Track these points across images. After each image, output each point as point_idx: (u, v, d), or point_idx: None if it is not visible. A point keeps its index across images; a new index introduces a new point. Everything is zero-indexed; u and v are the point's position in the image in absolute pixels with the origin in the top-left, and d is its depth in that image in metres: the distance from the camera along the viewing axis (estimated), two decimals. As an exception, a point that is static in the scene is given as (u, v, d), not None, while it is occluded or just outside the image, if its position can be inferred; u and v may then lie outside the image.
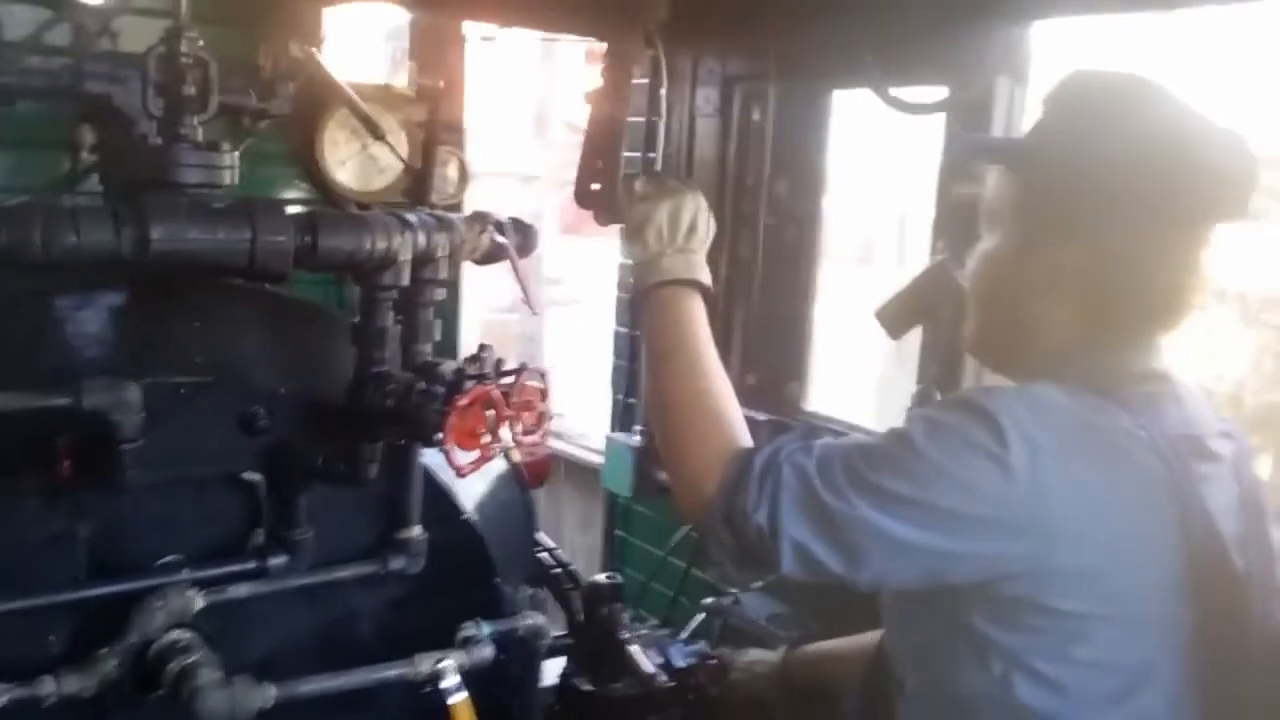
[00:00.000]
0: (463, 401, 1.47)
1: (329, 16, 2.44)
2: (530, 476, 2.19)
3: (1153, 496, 1.29)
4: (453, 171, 2.47)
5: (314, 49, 2.21)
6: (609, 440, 2.85)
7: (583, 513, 4.48)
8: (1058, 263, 1.36)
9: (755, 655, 2.09)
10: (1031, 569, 1.27)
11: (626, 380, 2.93)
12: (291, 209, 1.58)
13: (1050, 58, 2.09)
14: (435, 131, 2.11)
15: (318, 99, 2.33)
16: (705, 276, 1.60)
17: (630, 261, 1.67)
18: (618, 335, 2.99)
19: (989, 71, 2.03)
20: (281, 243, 1.43)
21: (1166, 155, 1.31)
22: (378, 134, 2.06)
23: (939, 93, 2.15)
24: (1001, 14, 1.99)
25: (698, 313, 1.58)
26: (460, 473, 1.51)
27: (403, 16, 2.74)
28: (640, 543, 2.95)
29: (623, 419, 2.92)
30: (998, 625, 1.31)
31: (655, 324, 1.59)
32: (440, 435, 1.48)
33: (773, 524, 1.30)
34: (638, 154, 2.67)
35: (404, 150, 2.25)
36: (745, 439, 1.43)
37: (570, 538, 4.45)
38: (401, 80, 2.58)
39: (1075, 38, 2.12)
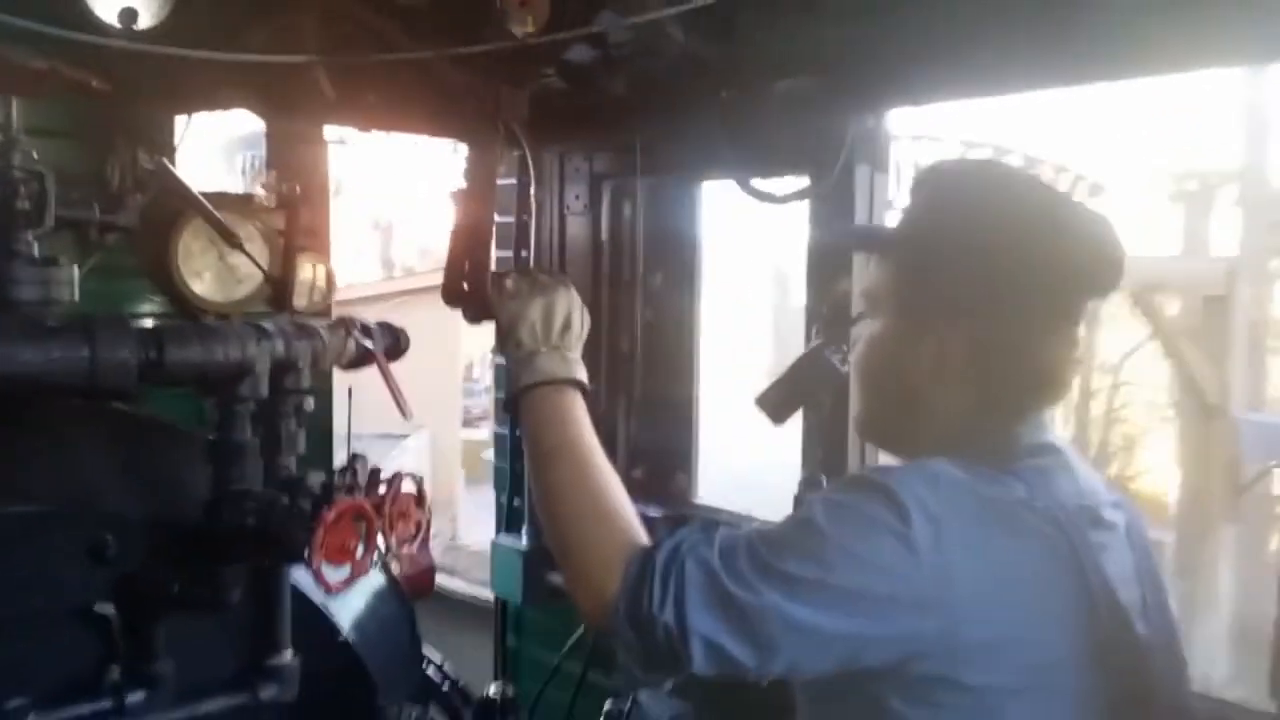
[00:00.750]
0: (330, 516, 1.41)
1: (180, 126, 2.38)
2: (412, 589, 2.10)
3: (1055, 567, 1.29)
4: (317, 278, 2.40)
5: (164, 159, 2.14)
6: (495, 545, 2.77)
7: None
8: (942, 349, 1.38)
9: None
10: (941, 646, 1.25)
11: (510, 482, 2.86)
12: (140, 323, 1.51)
13: (910, 140, 2.15)
14: (294, 238, 2.05)
15: (170, 210, 2.25)
16: (582, 374, 1.58)
17: (503, 362, 1.64)
18: (498, 436, 2.94)
19: (848, 160, 2.09)
20: (124, 359, 1.36)
21: (1040, 238, 1.35)
22: (234, 243, 1.98)
23: (801, 182, 2.19)
24: (856, 104, 2.05)
25: (579, 410, 1.55)
26: (331, 590, 1.44)
27: (258, 123, 2.70)
28: (533, 649, 2.86)
29: (509, 521, 2.85)
30: (913, 705, 1.28)
31: (535, 425, 1.55)
32: (308, 553, 1.41)
33: (680, 622, 1.26)
34: (508, 253, 2.68)
35: (264, 259, 2.18)
36: (642, 536, 1.39)
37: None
38: (259, 188, 2.53)
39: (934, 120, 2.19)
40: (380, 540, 1.52)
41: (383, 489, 1.56)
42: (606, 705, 2.32)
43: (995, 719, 1.27)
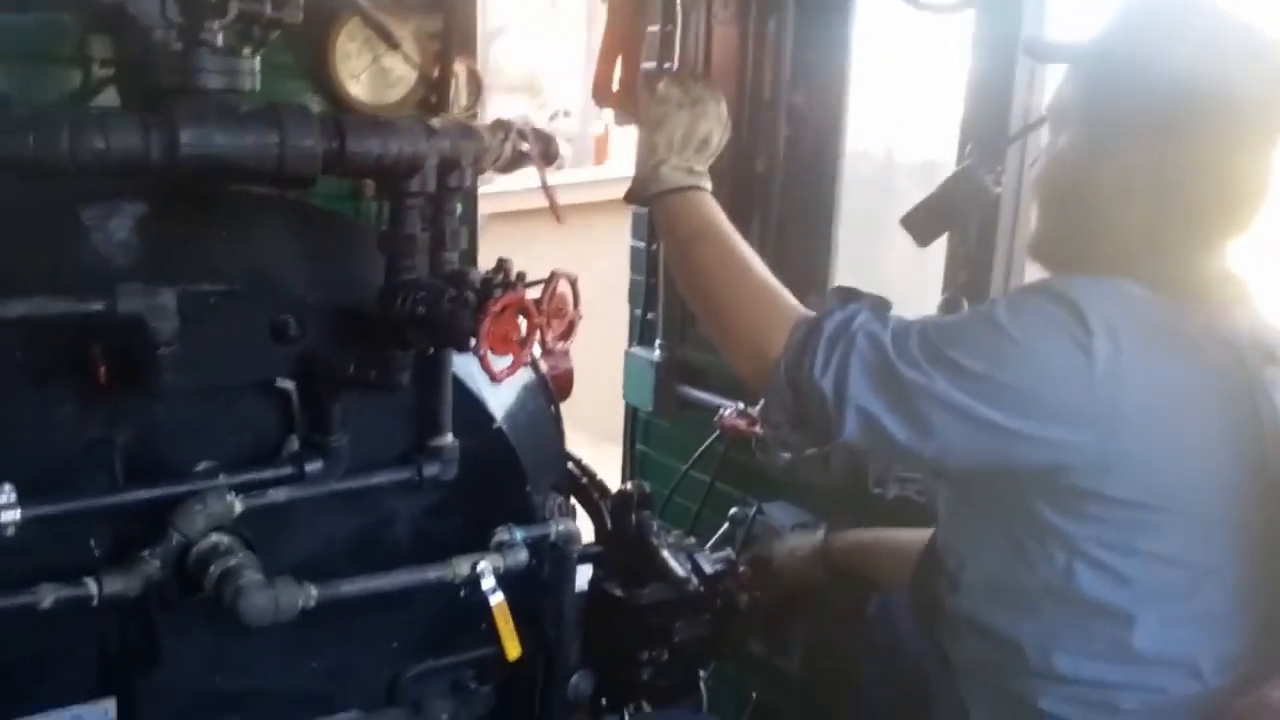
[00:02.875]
0: (496, 307, 1.48)
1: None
2: (555, 389, 2.19)
3: (1226, 395, 1.29)
4: (466, 82, 2.43)
5: (323, -43, 2.16)
6: (629, 355, 2.86)
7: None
8: (1127, 167, 1.37)
9: (795, 540, 2.11)
10: (1093, 459, 1.28)
11: (645, 295, 2.92)
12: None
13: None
14: (451, 40, 2.07)
15: (328, 10, 2.28)
16: (706, 184, 1.62)
17: (636, 166, 1.69)
18: (634, 250, 2.98)
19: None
20: (310, 146, 1.42)
21: (1237, 65, 1.32)
22: (393, 44, 2.02)
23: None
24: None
25: (711, 205, 1.61)
26: (495, 378, 1.53)
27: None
28: (661, 457, 2.97)
29: (642, 334, 2.92)
30: (1062, 514, 1.32)
31: (670, 220, 1.63)
32: (474, 341, 1.49)
33: (839, 390, 1.32)
34: (652, 63, 2.65)
35: (419, 61, 2.21)
36: (801, 306, 1.45)
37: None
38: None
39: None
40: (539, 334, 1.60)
41: (538, 289, 1.63)
42: (732, 511, 2.42)
43: (1144, 535, 1.30)
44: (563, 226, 1.99)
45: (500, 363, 1.51)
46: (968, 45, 2.09)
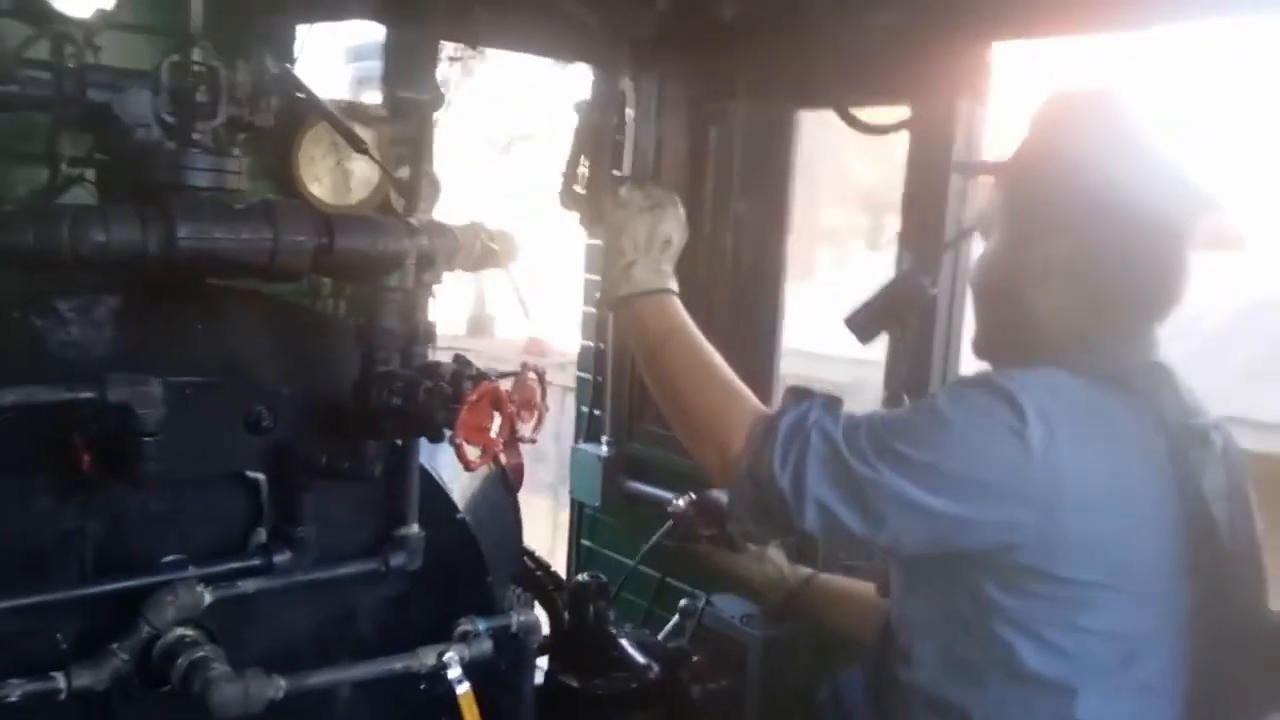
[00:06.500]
0: (473, 398, 1.53)
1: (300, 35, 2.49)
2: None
3: (1156, 477, 1.40)
4: (424, 186, 2.51)
5: (289, 65, 2.24)
6: (576, 451, 2.91)
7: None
8: (1047, 254, 1.49)
9: (776, 561, 2.12)
10: (1041, 538, 1.36)
11: (593, 392, 2.99)
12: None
13: (1010, 77, 2.22)
14: (421, 145, 2.15)
15: (293, 114, 2.35)
16: (673, 285, 1.72)
17: (602, 269, 1.77)
18: (583, 349, 3.06)
19: (950, 91, 2.15)
20: (302, 243, 1.47)
21: (1142, 164, 1.45)
22: (361, 148, 2.10)
23: (901, 112, 2.26)
24: (963, 34, 2.11)
25: (678, 307, 1.70)
26: (469, 467, 1.57)
27: (367, 34, 2.78)
28: (607, 551, 3.00)
29: (589, 430, 2.98)
30: (1007, 592, 1.40)
31: (641, 323, 1.70)
32: (449, 431, 1.54)
33: (797, 485, 1.40)
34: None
35: (382, 165, 2.30)
36: (761, 405, 1.53)
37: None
38: (370, 98, 2.62)
39: (1036, 57, 2.25)
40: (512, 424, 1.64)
41: (508, 381, 1.69)
42: (682, 603, 2.45)
43: (1085, 611, 1.39)
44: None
45: (474, 453, 1.56)
46: (903, 161, 2.24)
